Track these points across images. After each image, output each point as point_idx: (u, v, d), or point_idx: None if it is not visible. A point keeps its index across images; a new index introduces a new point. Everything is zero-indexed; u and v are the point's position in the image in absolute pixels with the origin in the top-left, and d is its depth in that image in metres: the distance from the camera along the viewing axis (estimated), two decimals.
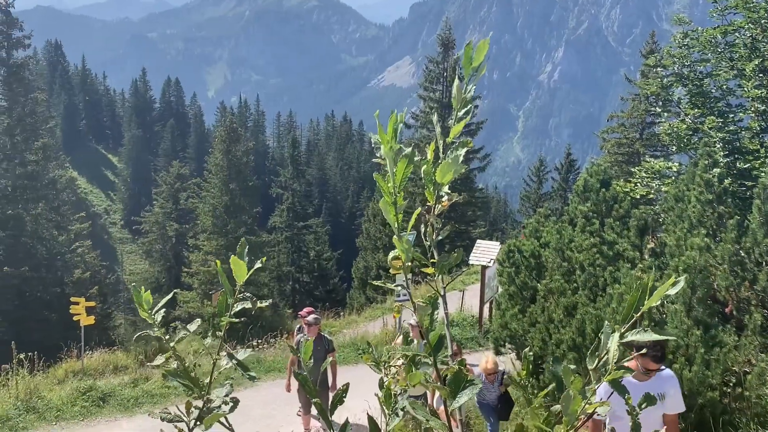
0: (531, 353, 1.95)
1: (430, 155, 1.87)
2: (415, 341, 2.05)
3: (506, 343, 12.87)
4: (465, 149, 1.83)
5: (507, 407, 10.32)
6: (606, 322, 1.70)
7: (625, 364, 1.65)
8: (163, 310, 1.99)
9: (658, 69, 21.33)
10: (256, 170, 78.81)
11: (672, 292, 1.56)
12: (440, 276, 1.93)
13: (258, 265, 1.91)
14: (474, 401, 10.60)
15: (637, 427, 1.75)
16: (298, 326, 13.06)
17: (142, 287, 2.00)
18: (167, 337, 1.97)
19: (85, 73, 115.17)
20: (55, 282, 34.66)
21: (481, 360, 10.35)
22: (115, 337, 33.97)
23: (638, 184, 19.61)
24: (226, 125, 43.43)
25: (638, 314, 1.63)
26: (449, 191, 1.90)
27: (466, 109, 1.84)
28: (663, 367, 6.15)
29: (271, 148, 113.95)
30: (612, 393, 1.77)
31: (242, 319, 1.96)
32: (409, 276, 1.97)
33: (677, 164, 19.96)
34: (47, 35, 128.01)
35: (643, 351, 5.62)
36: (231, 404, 1.89)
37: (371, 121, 1.89)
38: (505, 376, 10.30)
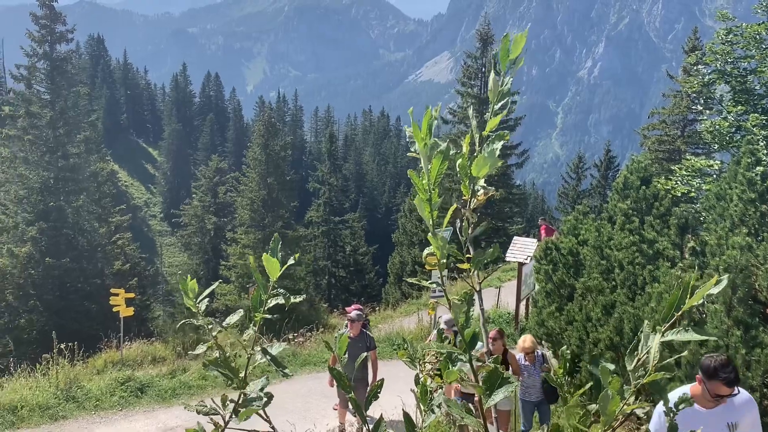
0: (568, 351, 1.91)
1: (465, 149, 1.85)
2: (449, 338, 2.01)
3: (543, 341, 12.78)
4: (501, 142, 1.80)
5: (552, 389, 10.09)
6: (645, 321, 1.67)
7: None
8: (207, 300, 2.00)
9: (700, 66, 21.05)
10: (294, 165, 79.21)
11: (714, 291, 1.52)
12: (476, 272, 1.91)
13: (291, 261, 1.91)
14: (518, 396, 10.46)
15: None
16: (345, 323, 13.06)
17: (188, 275, 2.02)
18: (210, 326, 1.99)
19: (126, 67, 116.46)
20: (96, 273, 35.11)
21: (518, 341, 10.27)
22: (154, 328, 34.29)
23: (679, 182, 19.36)
24: (264, 120, 43.67)
25: (679, 313, 1.60)
26: (485, 185, 1.87)
27: (502, 102, 1.82)
28: (737, 390, 4.94)
29: (309, 143, 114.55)
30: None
31: (275, 315, 1.96)
32: (445, 273, 1.94)
33: (719, 162, 19.70)
34: (90, 29, 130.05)
35: (713, 374, 4.73)
36: (266, 399, 1.90)
37: (409, 116, 1.86)
38: (544, 363, 10.18)
